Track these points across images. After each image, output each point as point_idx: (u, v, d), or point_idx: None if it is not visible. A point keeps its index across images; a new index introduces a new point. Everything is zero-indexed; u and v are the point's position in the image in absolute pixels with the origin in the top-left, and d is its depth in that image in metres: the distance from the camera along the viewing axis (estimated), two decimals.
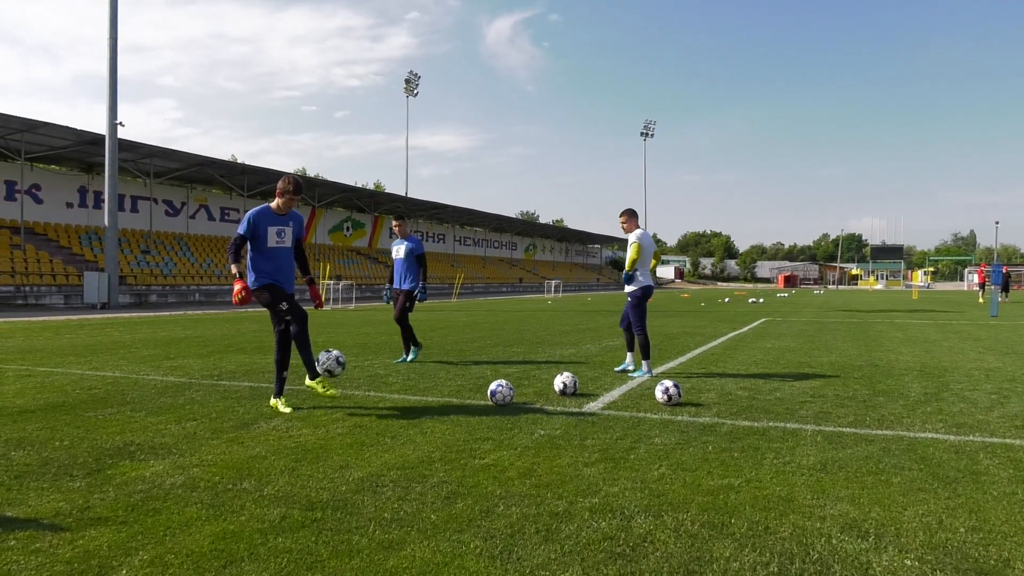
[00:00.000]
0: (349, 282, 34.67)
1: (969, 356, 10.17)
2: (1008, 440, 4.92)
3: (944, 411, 5.96)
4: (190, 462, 4.28)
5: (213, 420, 5.51)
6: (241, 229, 5.89)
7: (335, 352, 6.40)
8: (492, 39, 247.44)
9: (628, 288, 8.21)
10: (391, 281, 9.69)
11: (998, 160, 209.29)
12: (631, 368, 8.32)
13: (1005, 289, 33.29)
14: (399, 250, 9.53)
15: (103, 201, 28.99)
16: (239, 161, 48.76)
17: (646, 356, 8.10)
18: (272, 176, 42.08)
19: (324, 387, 5.95)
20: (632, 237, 8.14)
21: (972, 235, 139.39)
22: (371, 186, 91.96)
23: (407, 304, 9.45)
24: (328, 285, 30.69)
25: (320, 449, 4.61)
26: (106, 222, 27.33)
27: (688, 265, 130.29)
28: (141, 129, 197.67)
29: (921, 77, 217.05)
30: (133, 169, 36.23)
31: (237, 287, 5.69)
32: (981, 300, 33.48)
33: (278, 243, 5.98)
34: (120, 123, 26.77)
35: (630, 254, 8.07)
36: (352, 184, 55.79)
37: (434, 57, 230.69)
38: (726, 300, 36.80)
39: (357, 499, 3.59)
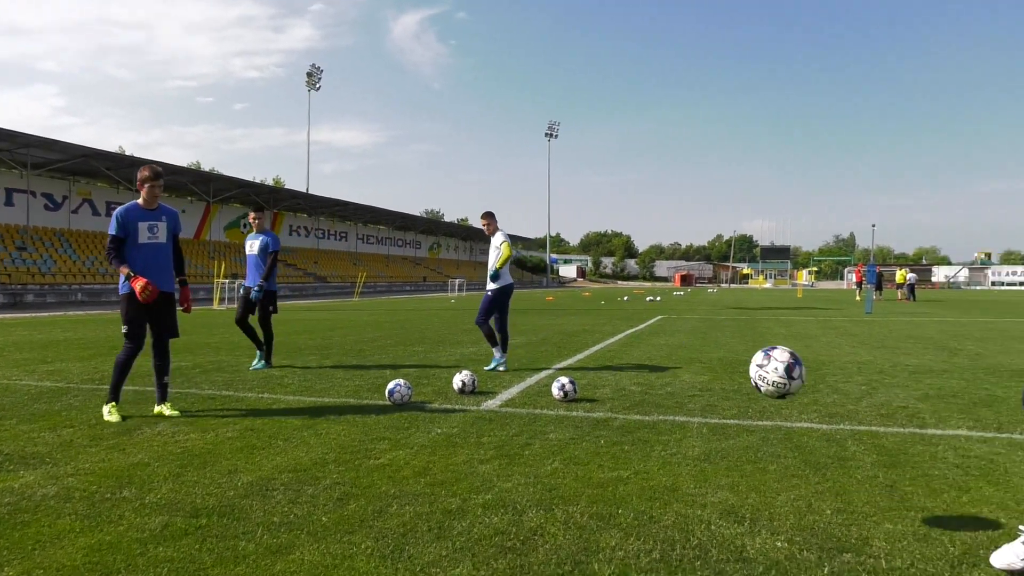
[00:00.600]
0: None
1: (844, 350, 10.85)
2: (874, 428, 5.29)
3: (819, 402, 6.34)
4: (65, 471, 4.05)
5: (92, 427, 5.23)
6: (112, 229, 5.60)
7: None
8: (398, 34, 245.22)
9: (493, 285, 8.61)
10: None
11: (877, 166, 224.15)
12: (501, 366, 8.56)
13: (879, 288, 35.63)
14: (253, 245, 8.77)
15: None
16: (127, 153, 46.28)
17: (494, 344, 8.55)
18: (164, 169, 40.19)
19: (170, 408, 5.72)
20: (501, 237, 8.62)
21: (852, 237, 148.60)
22: (270, 182, 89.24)
23: (269, 307, 8.76)
24: (223, 284, 29.57)
25: (208, 454, 4.46)
26: None
27: (590, 264, 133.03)
28: (19, 116, 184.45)
29: (808, 86, 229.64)
30: (9, 159, 33.85)
31: (140, 284, 5.42)
32: (858, 298, 35.73)
33: (150, 239, 5.70)
34: None
35: (504, 252, 8.52)
36: (250, 179, 53.96)
37: (338, 50, 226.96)
38: (625, 298, 37.81)
39: (245, 504, 3.50)
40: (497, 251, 8.55)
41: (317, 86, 69.85)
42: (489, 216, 8.75)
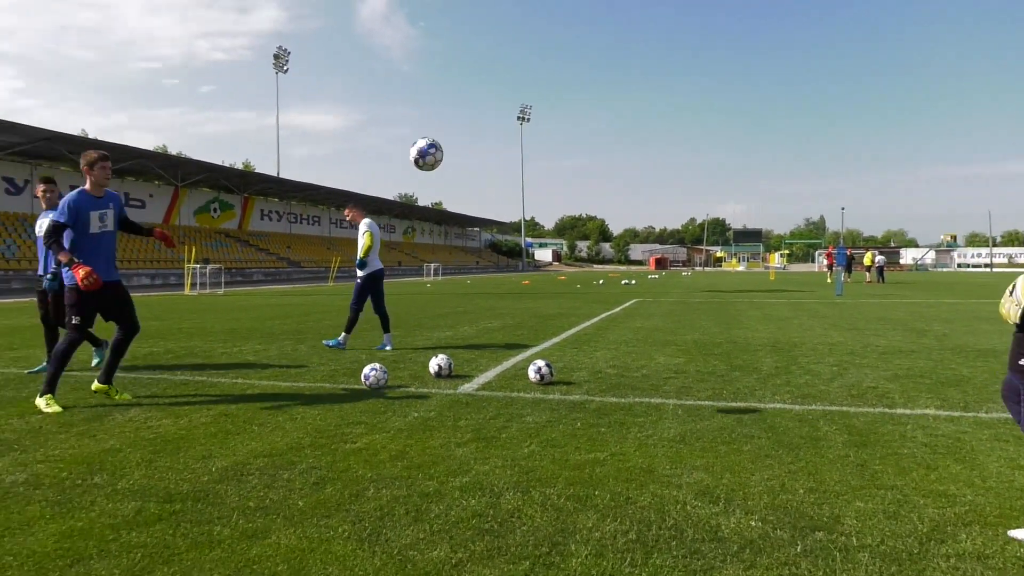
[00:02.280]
0: (218, 266, 33.13)
1: (816, 332, 11.00)
2: (844, 408, 5.37)
3: (791, 383, 6.43)
4: (34, 458, 3.98)
5: (62, 413, 5.14)
6: (61, 217, 5.33)
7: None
8: (366, 16, 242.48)
9: (362, 272, 8.96)
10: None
11: (845, 150, 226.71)
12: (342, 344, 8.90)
13: (848, 270, 36.13)
14: (42, 225, 6.97)
15: None
16: (90, 136, 45.34)
17: (348, 330, 8.89)
18: (129, 153, 39.47)
19: (116, 392, 5.69)
20: (363, 227, 8.90)
21: (822, 220, 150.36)
22: (240, 166, 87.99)
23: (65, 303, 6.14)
24: (195, 269, 29.19)
25: (181, 440, 4.41)
26: None
27: (565, 248, 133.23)
28: None
29: (779, 73, 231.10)
30: None
31: (82, 272, 5.12)
32: (829, 280, 36.23)
33: (101, 228, 5.50)
34: None
35: (365, 242, 8.83)
36: (219, 163, 53.16)
37: (306, 32, 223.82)
38: (600, 282, 37.95)
39: (220, 489, 3.47)
40: (361, 240, 8.89)
41: (285, 68, 68.85)
42: (351, 206, 9.16)
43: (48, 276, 7.08)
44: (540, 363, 6.42)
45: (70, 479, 3.61)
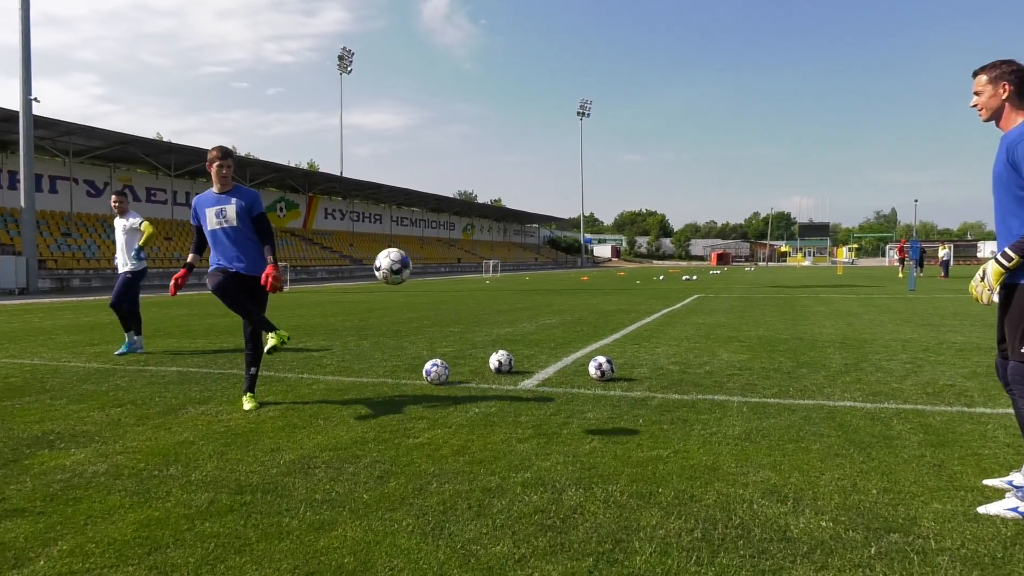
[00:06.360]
0: (284, 263, 33.99)
1: (887, 328, 10.62)
2: (919, 406, 5.17)
3: (862, 380, 6.22)
4: (114, 449, 4.15)
5: (139, 406, 5.35)
6: (193, 220, 5.57)
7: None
8: (429, 15, 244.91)
9: (136, 264, 8.81)
10: None
11: (918, 141, 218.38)
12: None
13: (920, 264, 34.76)
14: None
15: (19, 181, 27.61)
16: (165, 139, 47.03)
17: (139, 331, 8.68)
18: (202, 155, 40.74)
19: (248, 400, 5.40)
20: (140, 218, 8.83)
21: (893, 213, 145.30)
22: (305, 166, 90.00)
23: None
24: None
25: (251, 433, 4.53)
26: (22, 203, 26.05)
27: (624, 244, 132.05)
28: (59, 105, 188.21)
29: (849, 62, 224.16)
30: (51, 147, 34.54)
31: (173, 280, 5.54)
32: (900, 275, 34.96)
33: (218, 224, 5.36)
34: (35, 99, 25.45)
35: (149, 232, 8.67)
36: (285, 164, 54.49)
37: (369, 33, 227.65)
38: (661, 278, 37.47)
39: (288, 481, 3.55)
40: (139, 232, 8.74)
41: (349, 69, 70.00)
42: (120, 195, 8.98)
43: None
44: (601, 359, 6.38)
45: (147, 470, 3.75)
